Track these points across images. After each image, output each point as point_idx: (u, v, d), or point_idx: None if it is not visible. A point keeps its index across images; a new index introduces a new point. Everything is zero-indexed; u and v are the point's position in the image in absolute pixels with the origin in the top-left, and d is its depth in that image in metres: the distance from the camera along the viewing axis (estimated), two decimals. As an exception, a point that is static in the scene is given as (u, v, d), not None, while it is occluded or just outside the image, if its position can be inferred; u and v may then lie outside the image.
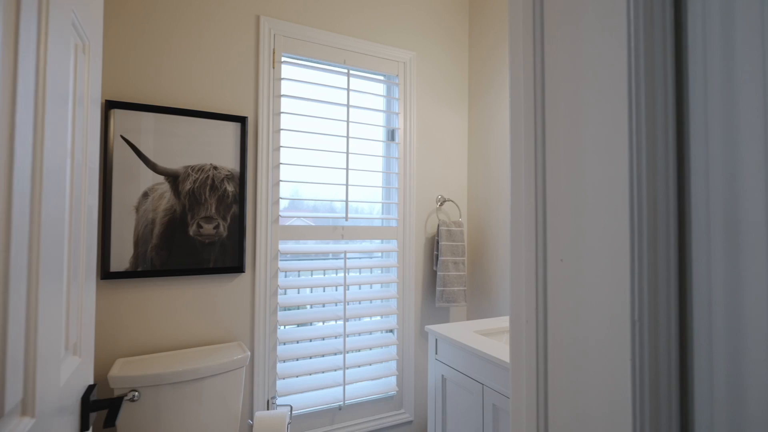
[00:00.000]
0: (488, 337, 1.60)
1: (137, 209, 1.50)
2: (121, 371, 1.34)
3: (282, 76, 1.79)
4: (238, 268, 1.66)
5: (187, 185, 1.58)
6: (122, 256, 1.47)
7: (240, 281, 1.69)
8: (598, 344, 0.44)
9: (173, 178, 1.56)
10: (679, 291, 0.43)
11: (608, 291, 0.43)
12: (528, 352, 0.50)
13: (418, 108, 2.14)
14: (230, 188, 1.65)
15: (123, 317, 1.50)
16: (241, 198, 1.67)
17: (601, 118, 0.44)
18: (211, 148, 1.63)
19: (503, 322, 1.70)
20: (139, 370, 1.35)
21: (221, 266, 1.63)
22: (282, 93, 1.79)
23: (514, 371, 0.53)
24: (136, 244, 1.49)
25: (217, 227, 1.62)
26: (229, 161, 1.65)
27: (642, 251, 0.41)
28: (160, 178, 1.54)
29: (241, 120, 1.68)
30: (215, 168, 1.63)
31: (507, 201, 2.01)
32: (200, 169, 1.60)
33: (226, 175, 1.65)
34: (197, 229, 1.59)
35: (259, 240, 1.72)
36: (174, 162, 1.56)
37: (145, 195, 1.51)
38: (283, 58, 1.81)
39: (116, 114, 1.48)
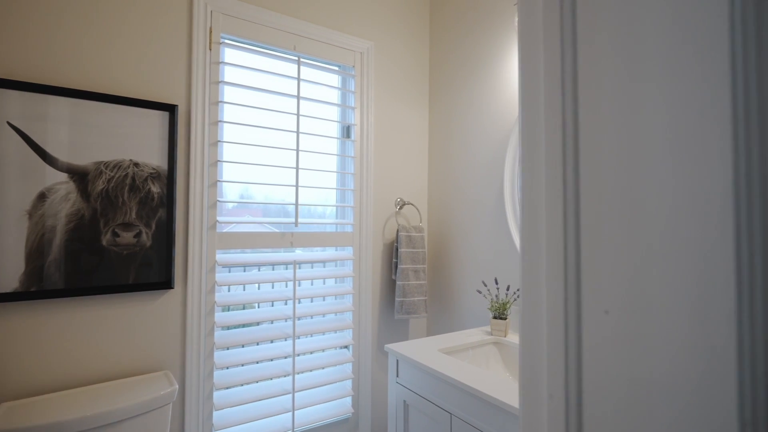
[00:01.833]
0: (453, 355, 1.46)
1: (31, 214, 1.21)
2: (3, 422, 1.05)
3: (220, 60, 1.55)
4: (165, 283, 1.40)
5: (99, 185, 1.30)
6: (9, 274, 1.17)
7: (168, 299, 1.44)
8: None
9: (80, 176, 1.28)
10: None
11: (694, 367, 0.28)
12: (556, 446, 0.34)
13: (376, 103, 1.97)
14: (155, 189, 1.39)
15: (10, 349, 1.20)
16: (169, 201, 1.41)
17: (677, 92, 0.29)
18: (132, 140, 1.36)
19: (467, 337, 1.57)
20: (29, 419, 1.08)
21: (144, 282, 1.37)
22: (221, 79, 1.55)
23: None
24: (29, 257, 1.20)
25: (138, 235, 1.36)
26: (153, 157, 1.39)
27: (754, 302, 0.26)
28: (63, 176, 1.25)
29: (170, 109, 1.42)
30: (136, 165, 1.36)
31: (469, 204, 1.89)
32: (117, 165, 1.33)
33: (151, 173, 1.39)
34: (113, 238, 1.32)
35: (192, 250, 1.47)
36: (82, 156, 1.28)
37: (42, 197, 1.22)
38: (223, 40, 1.57)
39: (1, 95, 1.18)
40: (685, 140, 0.29)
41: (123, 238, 1.33)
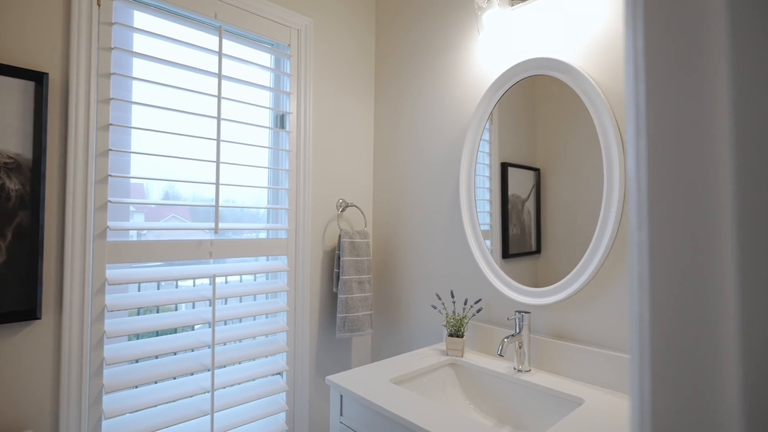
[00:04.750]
0: (407, 385, 1.24)
1: None
2: None
3: (113, 20, 1.21)
4: (28, 312, 1.04)
5: None
6: None
7: (33, 333, 1.07)
8: None
9: None
10: None
11: None
12: None
13: (316, 90, 1.71)
14: (13, 185, 1.03)
15: None
16: (34, 200, 1.05)
17: None
18: (-24, 118, 0.99)
19: (421, 359, 1.37)
20: None
21: (-6, 312, 1.00)
22: (113, 45, 1.21)
23: None
24: None
25: (-16, 249, 0.99)
26: (10, 141, 1.03)
27: None
28: None
29: (36, 77, 1.06)
30: (-19, 151, 0.99)
31: (419, 207, 1.69)
32: (-51, 151, 0.95)
33: (6, 163, 1.02)
34: (-58, 254, 0.94)
35: (71, 266, 1.12)
36: None
37: None
38: (117, -5, 1.23)
39: None
40: None
41: (-41, 252, 0.95)
